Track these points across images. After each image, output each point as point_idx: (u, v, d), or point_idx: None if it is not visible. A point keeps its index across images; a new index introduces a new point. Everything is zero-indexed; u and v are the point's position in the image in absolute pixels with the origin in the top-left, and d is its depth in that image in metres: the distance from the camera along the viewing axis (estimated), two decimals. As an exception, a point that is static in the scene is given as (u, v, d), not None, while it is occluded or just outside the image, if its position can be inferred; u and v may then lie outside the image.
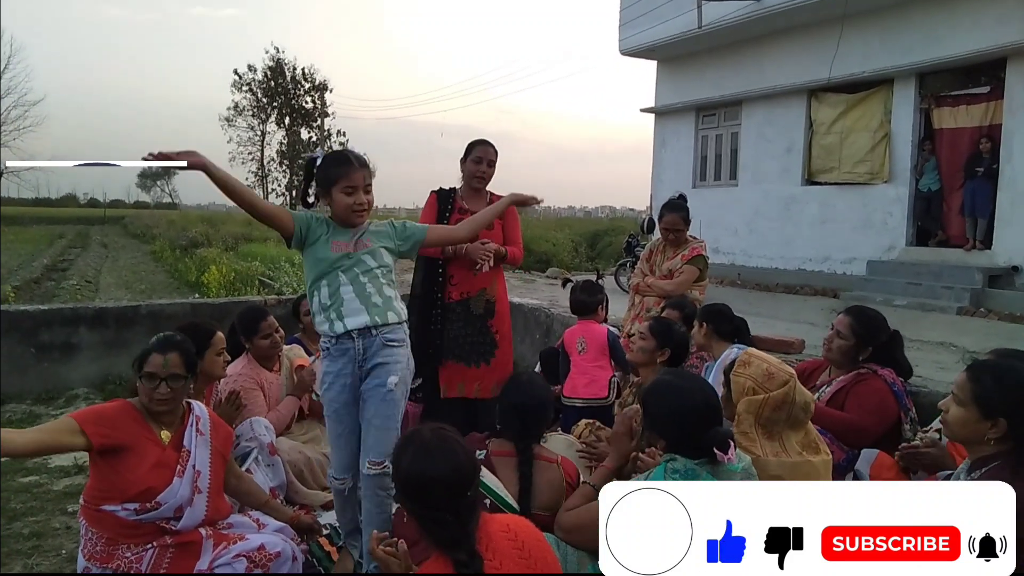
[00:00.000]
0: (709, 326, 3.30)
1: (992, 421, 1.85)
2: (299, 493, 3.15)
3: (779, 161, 10.81)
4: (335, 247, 2.41)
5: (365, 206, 2.43)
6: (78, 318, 5.33)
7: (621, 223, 24.91)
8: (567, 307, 5.72)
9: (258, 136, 49.42)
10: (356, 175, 2.39)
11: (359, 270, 2.41)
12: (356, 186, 2.39)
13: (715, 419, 1.98)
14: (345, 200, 2.39)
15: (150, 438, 2.27)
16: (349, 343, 2.39)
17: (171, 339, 2.37)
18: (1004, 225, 8.25)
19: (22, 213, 46.77)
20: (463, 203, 3.59)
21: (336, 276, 2.40)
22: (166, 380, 2.26)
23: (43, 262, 18.69)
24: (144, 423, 2.28)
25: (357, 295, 2.39)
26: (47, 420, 4.51)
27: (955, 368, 4.37)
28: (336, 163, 2.43)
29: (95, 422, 2.16)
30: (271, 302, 5.91)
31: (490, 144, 3.61)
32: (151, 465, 2.22)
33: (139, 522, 2.21)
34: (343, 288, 2.39)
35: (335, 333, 2.38)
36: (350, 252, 2.41)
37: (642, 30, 11.88)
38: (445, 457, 1.67)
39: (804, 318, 6.77)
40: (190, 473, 2.29)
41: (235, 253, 18.72)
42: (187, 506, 2.27)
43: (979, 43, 8.19)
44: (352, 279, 2.40)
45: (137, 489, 2.18)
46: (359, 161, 2.43)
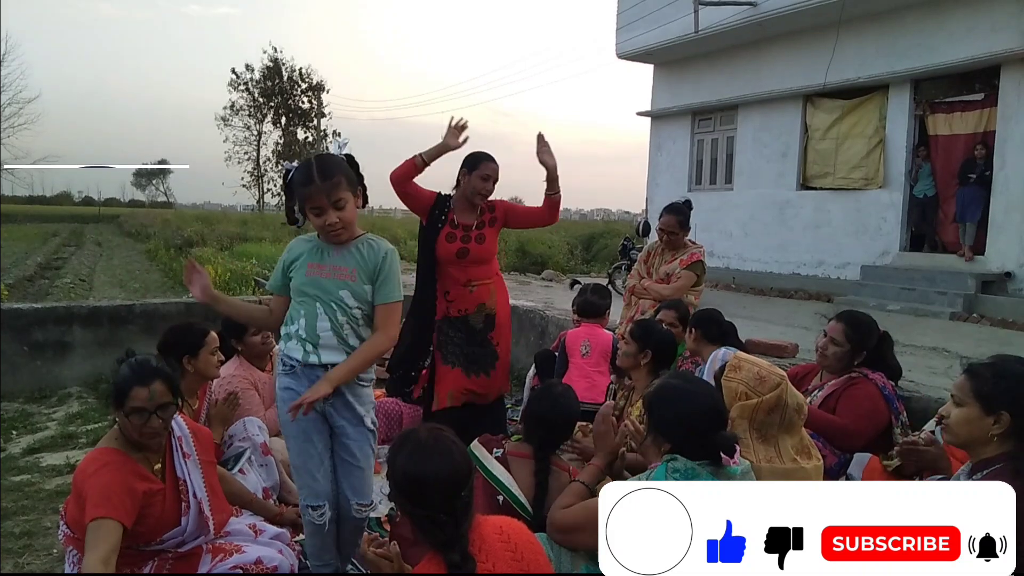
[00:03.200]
0: (698, 331, 3.34)
1: (995, 416, 1.84)
2: (292, 493, 3.14)
3: (774, 166, 10.85)
4: (311, 270, 2.27)
5: (338, 226, 2.21)
6: (72, 317, 5.31)
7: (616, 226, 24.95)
8: (562, 309, 5.73)
9: (254, 136, 49.40)
10: (318, 195, 2.17)
11: (338, 307, 2.24)
12: (321, 206, 2.19)
13: (721, 422, 1.99)
14: (316, 221, 2.23)
15: (147, 479, 2.13)
16: (320, 371, 2.24)
17: (147, 366, 2.15)
18: (997, 231, 8.30)
19: (16, 211, 46.57)
20: (455, 216, 3.47)
21: (315, 309, 2.24)
22: (155, 412, 2.09)
23: (37, 260, 18.61)
24: (137, 465, 2.13)
25: (335, 334, 2.24)
26: (39, 419, 4.52)
27: (947, 373, 4.39)
28: (300, 181, 2.22)
29: (122, 507, 2.00)
30: (266, 302, 5.90)
31: (494, 160, 3.48)
32: (159, 512, 2.15)
33: (140, 552, 2.17)
34: (320, 325, 2.24)
35: (307, 362, 2.25)
36: (328, 279, 2.25)
37: (639, 34, 11.91)
38: (440, 457, 1.68)
39: (798, 322, 6.80)
40: (194, 506, 2.21)
41: (230, 253, 18.68)
42: (191, 538, 2.22)
43: (973, 50, 8.25)
44: (331, 316, 2.24)
45: (146, 539, 2.14)
46: (323, 174, 2.17)
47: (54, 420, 4.53)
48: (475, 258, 3.44)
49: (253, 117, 49.23)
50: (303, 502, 2.34)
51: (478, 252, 3.43)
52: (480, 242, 3.44)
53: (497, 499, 2.42)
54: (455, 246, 3.42)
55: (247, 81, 48.65)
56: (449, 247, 3.42)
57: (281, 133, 49.00)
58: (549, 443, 2.52)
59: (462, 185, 3.47)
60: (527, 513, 2.38)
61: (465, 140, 3.32)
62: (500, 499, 2.41)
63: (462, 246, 3.42)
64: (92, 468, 2.06)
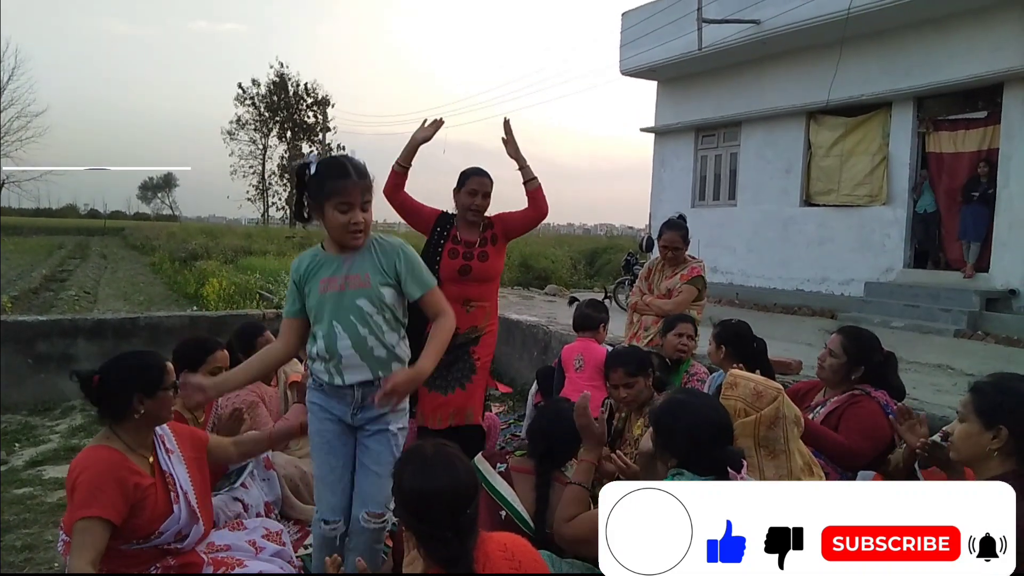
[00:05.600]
0: (728, 348, 3.19)
1: (993, 431, 1.85)
2: (295, 508, 3.14)
3: (778, 182, 10.87)
4: (322, 286, 2.17)
5: (362, 226, 2.13)
6: (76, 329, 5.33)
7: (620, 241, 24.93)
8: (565, 324, 5.74)
9: (260, 150, 49.79)
10: (353, 190, 2.09)
11: (357, 321, 2.15)
12: (352, 203, 2.09)
13: (728, 438, 1.99)
14: (339, 218, 2.10)
15: (140, 473, 2.15)
16: (348, 391, 2.20)
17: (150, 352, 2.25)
18: (1001, 249, 8.30)
19: (22, 223, 46.78)
20: (458, 232, 3.41)
21: (331, 328, 2.15)
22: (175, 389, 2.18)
23: (42, 272, 18.67)
24: (132, 463, 2.14)
25: (356, 350, 2.16)
26: (42, 432, 4.52)
27: (952, 391, 4.38)
28: (331, 174, 2.11)
29: (110, 504, 2.01)
30: (269, 316, 5.91)
31: (485, 174, 3.39)
32: (153, 504, 2.16)
33: (141, 550, 2.17)
34: (340, 344, 2.15)
35: (332, 383, 2.19)
36: (341, 291, 2.16)
37: (643, 51, 12.00)
38: (446, 472, 1.67)
39: (801, 339, 6.79)
40: (183, 497, 2.23)
41: (234, 266, 18.70)
42: (188, 528, 2.23)
43: (976, 69, 8.29)
44: (351, 332, 2.15)
45: (145, 532, 2.15)
46: (358, 172, 2.11)
47: (57, 433, 4.53)
48: (477, 276, 3.38)
49: (259, 131, 49.74)
50: (318, 515, 2.31)
51: (480, 270, 3.38)
52: (483, 260, 3.40)
53: (500, 514, 2.41)
54: (457, 263, 3.37)
55: (253, 96, 49.16)
56: (451, 263, 3.38)
57: (286, 147, 49.38)
58: (552, 459, 2.51)
59: (456, 202, 3.45)
60: (529, 529, 2.37)
61: (434, 131, 3.29)
62: (503, 514, 2.41)
63: (464, 263, 3.38)
64: (78, 469, 2.08)
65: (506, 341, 6.20)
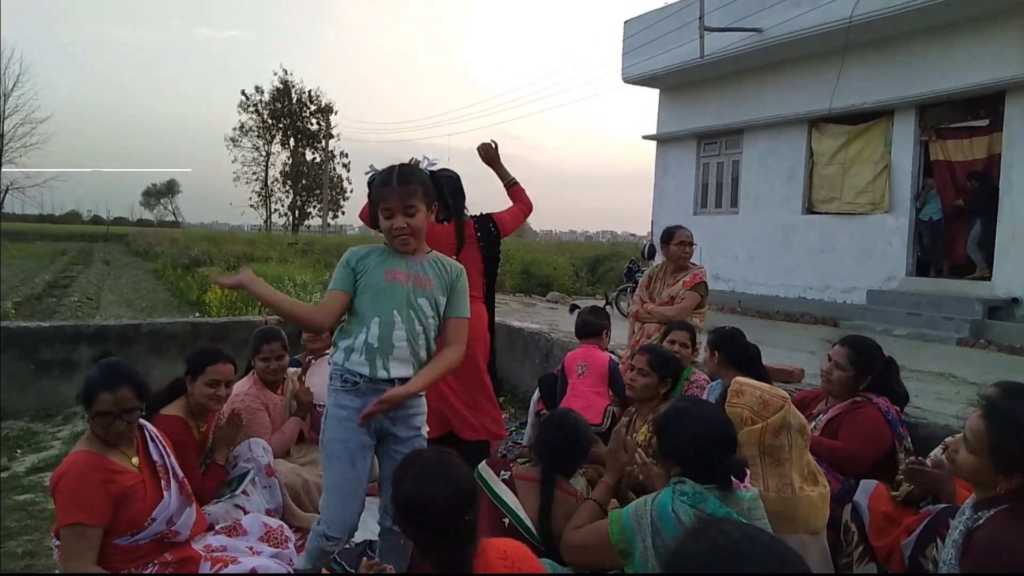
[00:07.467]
0: (721, 354, 3.20)
1: (1007, 475, 1.76)
2: (296, 516, 3.13)
3: (780, 190, 10.88)
4: (389, 276, 2.19)
5: (405, 231, 2.16)
6: (79, 335, 5.33)
7: (622, 248, 24.95)
8: (567, 331, 5.73)
9: (263, 156, 49.94)
10: (391, 196, 2.14)
11: (416, 317, 2.19)
12: (392, 209, 2.15)
13: (731, 446, 1.99)
14: (384, 224, 2.18)
15: (124, 472, 2.16)
16: (387, 387, 2.16)
17: (117, 371, 2.19)
18: (1004, 256, 8.28)
19: (26, 229, 46.90)
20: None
21: (391, 317, 2.16)
22: (120, 416, 2.14)
23: (45, 278, 18.70)
24: (112, 462, 2.15)
25: (409, 345, 2.18)
26: (44, 438, 4.52)
27: (955, 399, 4.36)
28: (378, 182, 2.20)
29: (92, 509, 2.04)
30: (271, 321, 5.91)
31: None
32: (142, 497, 2.18)
33: (137, 544, 2.19)
34: (396, 334, 2.16)
35: (376, 377, 2.17)
36: (407, 285, 2.19)
37: (645, 59, 12.03)
38: (445, 480, 1.67)
39: (804, 347, 6.78)
40: (175, 483, 2.29)
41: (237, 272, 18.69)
42: (179, 515, 2.27)
43: (978, 77, 8.30)
44: (408, 325, 2.18)
45: (137, 525, 2.16)
46: (399, 178, 2.16)
47: (59, 439, 4.53)
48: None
49: (262, 138, 49.86)
50: (321, 529, 2.24)
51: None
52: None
53: (503, 521, 2.41)
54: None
55: (257, 103, 49.34)
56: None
57: (289, 154, 49.55)
58: (556, 467, 2.52)
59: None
60: (532, 537, 2.37)
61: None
62: (506, 521, 2.41)
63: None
64: (58, 476, 2.10)
65: (508, 348, 6.20)
